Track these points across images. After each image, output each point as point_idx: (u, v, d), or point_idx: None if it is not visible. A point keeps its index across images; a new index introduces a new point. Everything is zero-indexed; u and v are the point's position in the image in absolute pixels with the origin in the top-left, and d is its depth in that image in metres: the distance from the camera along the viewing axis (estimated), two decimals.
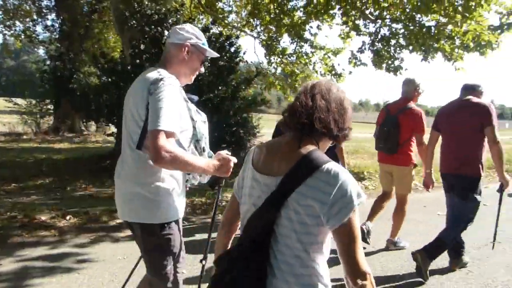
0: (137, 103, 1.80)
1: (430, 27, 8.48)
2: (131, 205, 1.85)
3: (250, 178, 1.33)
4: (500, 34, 7.96)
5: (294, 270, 1.20)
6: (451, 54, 8.55)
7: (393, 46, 9.39)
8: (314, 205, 1.15)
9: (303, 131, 1.24)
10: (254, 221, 1.25)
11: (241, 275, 1.19)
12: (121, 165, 1.95)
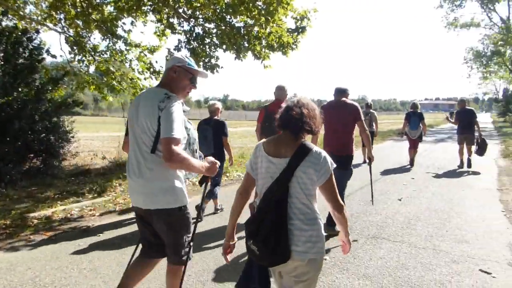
0: (149, 117, 2.34)
1: (239, 27, 9.10)
2: (157, 197, 2.38)
3: (265, 161, 2.06)
4: (297, 36, 9.13)
5: (303, 211, 1.99)
6: (260, 53, 9.38)
7: (207, 45, 9.70)
8: (311, 172, 1.96)
9: (297, 130, 2.03)
10: (275, 186, 1.98)
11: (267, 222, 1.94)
12: (137, 167, 2.43)
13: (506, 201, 6.64)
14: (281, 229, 1.93)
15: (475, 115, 10.18)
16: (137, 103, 2.48)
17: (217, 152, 5.42)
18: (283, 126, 2.10)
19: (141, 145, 2.42)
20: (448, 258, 4.12)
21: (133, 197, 2.56)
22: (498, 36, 33.80)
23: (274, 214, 1.95)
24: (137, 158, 2.44)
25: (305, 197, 1.98)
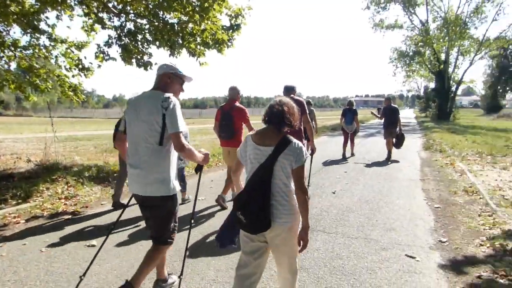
0: (154, 115, 2.75)
1: (173, 24, 8.90)
2: (154, 186, 2.81)
3: (253, 149, 2.49)
4: (232, 34, 9.12)
5: (283, 190, 2.43)
6: (195, 51, 9.26)
7: (140, 41, 9.37)
8: (291, 158, 2.39)
9: (279, 125, 2.48)
10: (261, 169, 2.41)
11: (254, 198, 2.38)
12: (137, 160, 2.84)
13: (427, 190, 7.20)
14: (266, 204, 2.39)
15: (398, 112, 11.28)
16: (136, 104, 2.89)
17: None
18: (268, 121, 2.54)
19: (144, 140, 2.82)
20: (378, 246, 4.38)
21: (133, 186, 2.96)
22: (418, 37, 36.46)
23: (260, 192, 2.40)
24: (138, 152, 2.87)
25: (285, 178, 2.44)
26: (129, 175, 2.99)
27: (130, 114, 2.93)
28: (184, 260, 3.15)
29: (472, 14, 34.57)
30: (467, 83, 42.01)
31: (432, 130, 22.58)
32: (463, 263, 3.93)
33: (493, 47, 36.11)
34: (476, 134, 19.78)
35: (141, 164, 2.84)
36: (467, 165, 9.71)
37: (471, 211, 5.77)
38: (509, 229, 4.85)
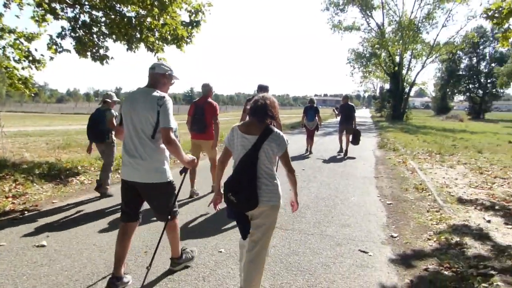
0: (150, 111, 3.06)
1: (131, 17, 8.67)
2: (152, 173, 3.14)
3: (240, 138, 2.83)
4: (192, 30, 9.01)
5: (267, 172, 2.81)
6: (153, 46, 9.07)
7: (95, 34, 9.06)
8: (273, 145, 2.77)
9: (263, 117, 2.82)
10: (248, 155, 2.76)
11: (242, 180, 2.74)
12: (135, 150, 3.14)
13: (381, 187, 7.47)
14: (252, 185, 2.74)
15: (354, 110, 12.04)
16: (133, 100, 3.19)
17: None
18: (252, 113, 2.89)
19: (140, 133, 3.14)
20: (333, 241, 4.49)
21: (127, 173, 3.23)
22: (375, 40, 37.70)
23: (247, 175, 2.75)
24: (134, 143, 3.17)
25: (268, 163, 2.82)
26: (125, 163, 3.26)
27: (126, 107, 3.22)
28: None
29: (424, 19, 36.29)
30: (419, 85, 43.96)
31: (386, 130, 23.45)
32: (412, 257, 4.11)
33: (442, 51, 38.07)
34: (426, 134, 20.77)
35: (137, 154, 3.16)
36: (418, 163, 10.17)
37: (421, 207, 6.05)
38: (454, 224, 5.13)
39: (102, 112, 6.35)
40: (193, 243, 4.27)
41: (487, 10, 7.79)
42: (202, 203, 6.05)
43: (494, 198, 6.60)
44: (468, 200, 6.42)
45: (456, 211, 5.76)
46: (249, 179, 2.75)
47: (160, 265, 3.75)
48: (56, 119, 31.88)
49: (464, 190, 7.20)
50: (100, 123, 6.32)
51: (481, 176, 8.51)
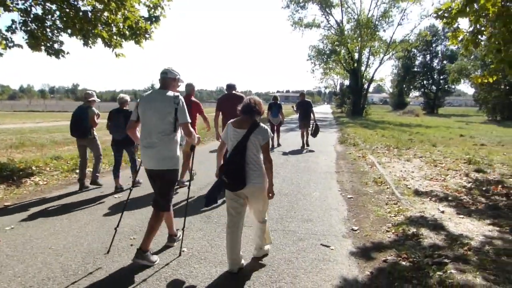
0: (167, 109, 3.66)
1: (86, 11, 8.34)
2: (164, 161, 3.71)
3: (233, 132, 3.51)
4: (150, 25, 8.80)
5: (254, 160, 3.47)
6: (110, 41, 8.78)
7: (49, 28, 8.65)
8: (259, 137, 3.45)
9: (251, 114, 3.52)
10: (239, 146, 3.41)
11: (233, 165, 3.40)
12: (150, 141, 3.71)
13: (342, 181, 7.64)
14: (242, 169, 3.43)
15: (312, 106, 12.70)
16: (151, 100, 3.76)
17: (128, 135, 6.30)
18: (243, 111, 3.59)
19: (156, 127, 3.69)
20: (295, 237, 4.55)
21: (146, 161, 3.80)
22: (334, 37, 38.45)
23: (237, 161, 3.43)
24: (153, 136, 3.71)
25: (255, 151, 3.51)
26: (143, 154, 3.81)
27: (143, 106, 3.77)
28: (185, 216, 4.61)
29: (381, 17, 37.44)
30: (377, 81, 45.32)
31: (347, 125, 24.02)
32: (372, 249, 4.24)
33: (398, 49, 39.38)
34: (385, 128, 21.46)
35: (154, 145, 3.70)
36: (377, 157, 10.48)
37: (380, 200, 6.25)
38: (411, 216, 5.33)
39: (84, 109, 6.78)
40: (155, 242, 4.19)
41: (438, 10, 8.12)
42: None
43: (447, 190, 6.91)
44: (424, 192, 6.69)
45: (413, 203, 5.98)
46: (239, 164, 3.42)
47: (126, 268, 3.66)
48: (8, 117, 30.32)
49: (420, 182, 7.50)
50: (83, 120, 6.73)
51: (435, 169, 8.89)
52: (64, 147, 12.11)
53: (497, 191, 6.79)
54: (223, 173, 3.47)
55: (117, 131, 6.63)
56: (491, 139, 16.22)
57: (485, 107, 40.28)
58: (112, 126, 6.74)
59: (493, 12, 7.54)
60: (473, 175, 8.18)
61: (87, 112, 6.77)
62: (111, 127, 6.77)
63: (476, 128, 24.38)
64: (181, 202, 5.94)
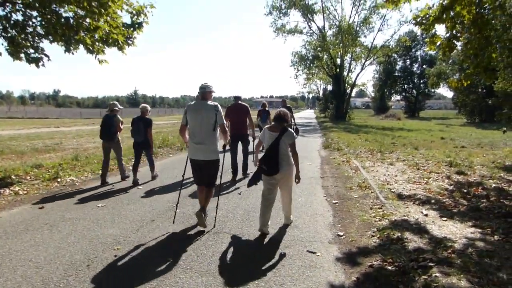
0: (210, 114, 4.88)
1: (68, 18, 8.23)
2: (211, 153, 4.94)
3: (268, 134, 4.91)
4: (133, 32, 8.73)
5: (284, 154, 4.83)
6: (93, 47, 8.67)
7: (30, 35, 8.49)
8: (287, 138, 4.84)
9: (281, 122, 4.88)
10: (274, 144, 4.78)
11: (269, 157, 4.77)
12: (201, 139, 4.90)
13: (326, 187, 7.69)
14: (276, 160, 4.72)
15: (292, 111, 12.89)
16: (197, 109, 4.95)
17: (146, 139, 8.03)
18: (275, 120, 4.91)
19: (203, 128, 4.91)
20: (282, 244, 4.54)
21: (196, 155, 4.98)
22: (317, 43, 38.85)
23: (272, 154, 4.73)
24: (201, 134, 4.92)
25: (285, 148, 4.80)
26: (193, 149, 4.98)
27: (191, 114, 4.97)
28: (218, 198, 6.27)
29: (361, 24, 38.05)
30: (359, 86, 46.03)
31: (330, 130, 24.23)
32: (358, 254, 4.26)
33: (379, 54, 40.10)
34: (368, 133, 21.72)
35: (202, 141, 4.92)
36: (360, 162, 10.59)
37: (364, 205, 6.30)
38: (395, 220, 5.39)
39: (111, 117, 7.97)
40: (135, 254, 4.11)
41: (416, 17, 8.31)
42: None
43: (430, 193, 7.03)
44: (407, 196, 6.78)
45: (397, 207, 6.05)
46: (274, 157, 4.75)
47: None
48: None
49: (403, 186, 7.61)
50: (111, 126, 7.96)
51: (418, 172, 9.03)
52: (45, 155, 11.87)
53: (478, 193, 6.94)
54: (262, 163, 4.80)
55: (138, 134, 7.94)
56: (470, 141, 16.58)
57: (463, 110, 41.22)
58: (133, 130, 7.99)
59: (468, 19, 7.76)
60: (455, 178, 8.34)
61: (113, 120, 7.97)
62: (133, 132, 8.01)
63: (456, 130, 24.89)
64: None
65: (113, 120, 7.97)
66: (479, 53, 8.25)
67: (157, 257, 4.13)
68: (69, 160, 10.32)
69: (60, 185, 7.80)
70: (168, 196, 6.82)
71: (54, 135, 20.09)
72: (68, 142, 16.12)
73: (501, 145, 15.16)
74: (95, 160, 10.42)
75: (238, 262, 4.01)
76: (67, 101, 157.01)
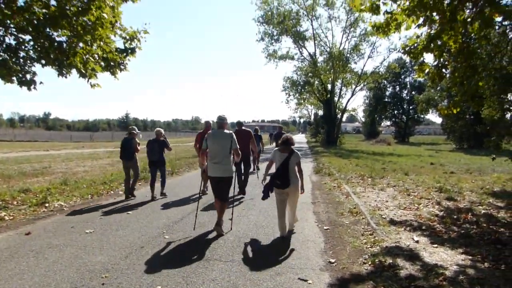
0: (227, 141, 6.06)
1: (61, 42, 8.29)
2: (226, 171, 6.07)
3: (279, 155, 5.99)
4: (126, 57, 8.80)
5: (292, 171, 5.91)
6: (85, 71, 8.69)
7: (22, 58, 8.51)
8: (295, 158, 5.95)
9: (287, 145, 5.99)
10: (284, 163, 5.86)
11: (281, 174, 5.84)
12: (219, 160, 6.00)
13: (318, 212, 7.67)
14: (287, 176, 5.77)
15: None
16: (216, 136, 6.08)
17: (162, 158, 9.39)
18: (283, 143, 5.95)
19: (221, 151, 5.99)
20: (272, 271, 4.48)
21: (214, 172, 6.02)
22: (308, 68, 39.47)
23: (282, 172, 5.79)
24: (219, 157, 5.99)
25: (294, 167, 5.86)
26: (212, 168, 6.04)
27: (211, 140, 6.07)
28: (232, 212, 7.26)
29: (352, 50, 38.84)
30: (350, 111, 46.56)
31: (321, 155, 24.33)
32: (350, 281, 4.22)
33: (369, 80, 40.79)
34: (359, 158, 21.85)
35: (220, 162, 6.00)
36: (351, 187, 10.62)
37: (356, 231, 6.29)
38: (386, 246, 5.37)
39: (129, 140, 9.36)
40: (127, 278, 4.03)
41: (405, 46, 8.56)
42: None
43: (421, 219, 7.04)
44: (399, 222, 6.78)
45: (388, 233, 6.05)
46: (285, 173, 5.80)
47: None
48: None
49: (394, 212, 7.62)
50: (130, 148, 9.30)
51: (408, 198, 9.07)
52: (33, 179, 11.72)
53: (468, 219, 6.97)
54: (276, 179, 5.85)
55: (153, 154, 9.24)
56: (459, 167, 16.75)
57: (452, 135, 41.80)
58: (149, 151, 9.27)
59: (455, 48, 8.00)
60: (445, 203, 8.39)
61: (132, 142, 9.34)
62: (148, 152, 9.29)
63: (445, 156, 25.16)
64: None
65: (131, 142, 9.31)
66: (466, 81, 8.47)
67: (145, 285, 4.04)
68: (58, 184, 10.20)
69: (48, 210, 7.67)
70: (158, 222, 6.74)
71: (43, 158, 19.87)
72: (57, 166, 15.94)
73: (489, 171, 15.34)
74: (84, 185, 10.31)
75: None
76: (58, 124, 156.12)
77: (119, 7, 8.47)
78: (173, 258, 4.93)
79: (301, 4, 37.42)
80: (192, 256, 4.96)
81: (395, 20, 8.13)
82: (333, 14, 38.86)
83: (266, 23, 37.98)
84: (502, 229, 6.34)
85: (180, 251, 5.19)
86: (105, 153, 25.56)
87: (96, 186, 10.27)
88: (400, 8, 7.92)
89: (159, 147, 9.24)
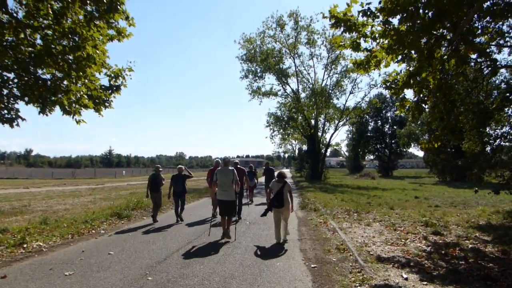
0: (230, 175, 8.74)
1: (46, 80, 8.27)
2: (231, 196, 8.70)
3: (276, 184, 8.52)
4: (111, 94, 8.82)
5: (285, 196, 8.44)
6: (70, 108, 8.63)
7: (5, 96, 8.42)
8: (287, 187, 8.54)
9: (282, 178, 8.65)
10: (279, 191, 8.40)
11: (277, 200, 8.39)
12: (226, 188, 8.64)
13: (305, 249, 7.55)
14: (281, 200, 8.32)
15: (274, 171, 15.30)
16: (223, 172, 8.69)
17: (183, 189, 11.54)
18: (279, 177, 8.63)
19: (227, 183, 8.62)
20: None
21: (222, 196, 8.61)
22: (291, 104, 40.14)
23: (279, 197, 8.34)
24: (226, 185, 8.61)
25: (287, 194, 8.44)
26: (221, 193, 8.57)
27: (220, 174, 8.65)
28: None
29: (334, 87, 39.82)
30: (334, 146, 47.08)
31: (307, 190, 24.30)
32: None
33: (352, 115, 41.59)
34: (344, 192, 21.88)
35: (226, 190, 8.54)
36: (338, 223, 10.55)
37: (344, 268, 6.18)
38: (375, 284, 5.28)
39: (156, 176, 11.56)
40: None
41: (386, 82, 8.86)
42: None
43: (408, 254, 6.99)
44: (386, 258, 6.71)
45: (376, 270, 5.96)
46: (280, 198, 8.23)
47: None
48: None
49: (381, 248, 7.56)
50: (157, 182, 11.54)
51: (395, 233, 9.04)
52: (11, 218, 11.33)
53: (456, 254, 6.96)
54: (275, 201, 8.24)
55: (177, 186, 11.42)
56: (444, 200, 16.91)
57: (435, 169, 42.49)
58: (173, 183, 11.51)
59: (434, 84, 8.28)
60: (431, 238, 8.38)
61: (158, 177, 11.59)
62: (173, 184, 11.52)
63: (429, 189, 25.42)
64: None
65: (158, 177, 11.59)
66: (445, 116, 8.72)
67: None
68: (37, 223, 9.87)
69: (25, 251, 7.36)
70: (141, 262, 6.52)
71: (23, 196, 19.33)
72: (37, 204, 15.50)
73: (473, 204, 15.51)
74: (64, 224, 9.99)
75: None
76: (39, 161, 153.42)
77: (105, 46, 8.57)
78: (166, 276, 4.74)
79: (283, 42, 38.61)
80: (182, 284, 4.78)
81: (375, 57, 8.43)
82: (315, 52, 39.85)
83: (249, 61, 38.93)
84: (491, 264, 6.34)
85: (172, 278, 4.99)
86: (87, 190, 25.02)
87: (77, 225, 9.94)
88: (380, 46, 8.23)
89: (182, 179, 11.53)
